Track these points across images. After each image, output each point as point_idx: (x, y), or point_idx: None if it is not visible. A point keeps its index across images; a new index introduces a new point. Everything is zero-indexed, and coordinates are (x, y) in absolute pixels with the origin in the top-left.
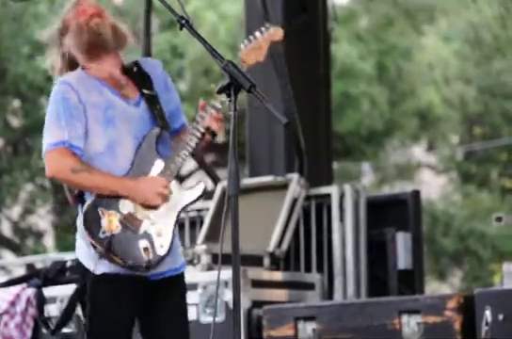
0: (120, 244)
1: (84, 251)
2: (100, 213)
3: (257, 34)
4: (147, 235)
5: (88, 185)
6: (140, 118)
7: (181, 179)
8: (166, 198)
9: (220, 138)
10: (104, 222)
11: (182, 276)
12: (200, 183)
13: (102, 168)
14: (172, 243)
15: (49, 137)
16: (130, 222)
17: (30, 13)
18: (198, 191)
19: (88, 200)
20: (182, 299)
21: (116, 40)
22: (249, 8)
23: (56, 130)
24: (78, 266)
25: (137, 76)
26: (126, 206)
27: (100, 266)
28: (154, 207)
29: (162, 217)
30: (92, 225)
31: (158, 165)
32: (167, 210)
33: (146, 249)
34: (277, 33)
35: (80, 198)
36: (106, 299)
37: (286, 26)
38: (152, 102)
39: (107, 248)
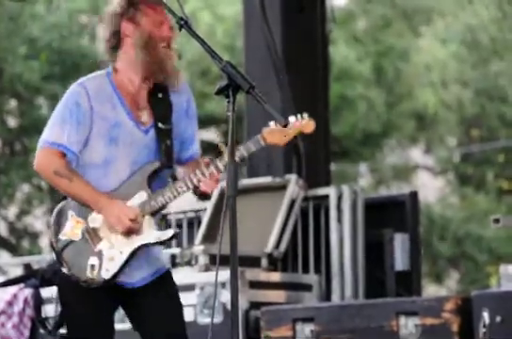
0: (72, 252)
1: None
2: (69, 215)
3: (291, 119)
4: (100, 255)
5: (66, 190)
6: (145, 145)
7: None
8: (127, 229)
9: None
10: (69, 226)
11: (163, 278)
12: (170, 230)
13: (92, 178)
14: (119, 271)
15: (47, 135)
16: (91, 236)
17: (27, 13)
18: (164, 236)
19: (66, 200)
20: (169, 300)
21: (168, 76)
22: (248, 9)
23: (57, 131)
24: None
25: (159, 104)
26: (95, 220)
27: None
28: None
29: (122, 244)
30: (57, 224)
31: (141, 196)
32: (128, 241)
33: (93, 266)
34: (308, 126)
35: (63, 196)
36: (73, 297)
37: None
38: (164, 136)
39: (60, 250)
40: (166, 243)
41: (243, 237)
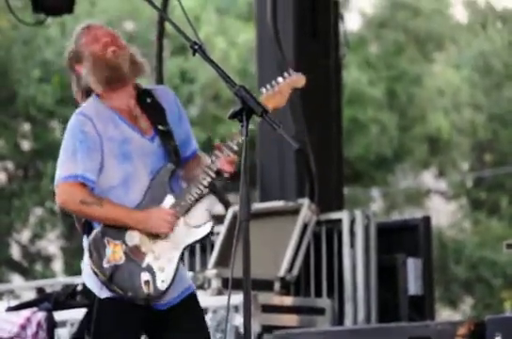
0: (122, 275)
1: (88, 275)
2: (106, 242)
3: (279, 79)
4: (149, 269)
5: (98, 217)
6: (154, 153)
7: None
8: (172, 225)
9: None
10: (109, 252)
11: (191, 299)
12: (207, 222)
13: (114, 200)
14: (174, 279)
15: (61, 170)
16: (134, 254)
17: (41, 36)
18: (204, 230)
19: (96, 228)
20: (196, 323)
21: (133, 71)
22: (261, 34)
23: (70, 164)
24: (86, 289)
25: (152, 109)
26: (133, 238)
27: (104, 291)
28: (159, 237)
29: (166, 252)
30: (97, 253)
31: (169, 200)
32: (171, 246)
33: (147, 282)
34: (299, 80)
35: (88, 225)
36: (110, 324)
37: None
38: (167, 138)
39: (109, 278)
40: (207, 238)
41: (256, 261)
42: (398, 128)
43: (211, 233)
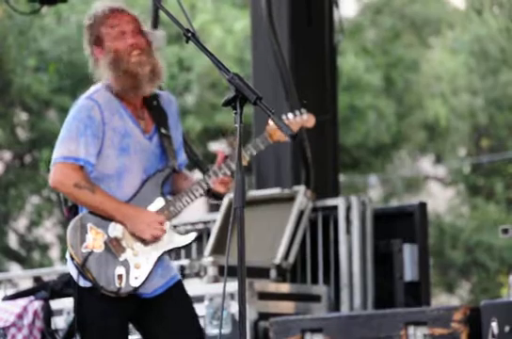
0: (97, 263)
1: (71, 263)
2: (88, 228)
3: (290, 116)
4: (126, 264)
5: (88, 202)
6: (152, 152)
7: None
8: (157, 236)
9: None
10: (90, 238)
11: (176, 285)
12: (192, 232)
13: (106, 189)
14: (147, 279)
15: (62, 150)
16: (114, 247)
17: (37, 26)
18: (187, 239)
19: (82, 212)
20: (182, 307)
21: (150, 80)
22: (255, 21)
23: (72, 145)
24: (70, 278)
25: (156, 111)
26: (116, 230)
27: (85, 279)
28: (142, 240)
29: (145, 252)
30: (77, 237)
31: (159, 202)
32: (152, 247)
33: (120, 276)
34: (309, 120)
35: (74, 209)
36: (92, 311)
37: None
38: (168, 142)
39: (83, 262)
40: (187, 247)
41: (252, 249)
42: (396, 115)
43: (193, 242)
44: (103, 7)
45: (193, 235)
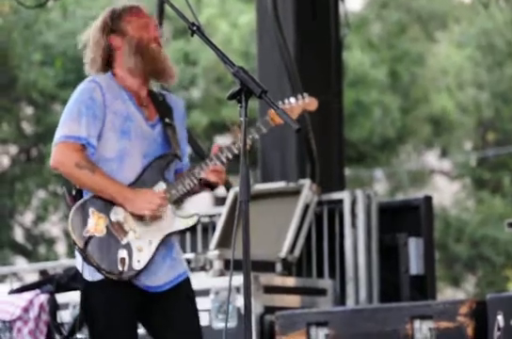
0: (99, 247)
1: (78, 257)
2: (90, 212)
3: (292, 100)
4: (128, 247)
5: (88, 183)
6: (154, 140)
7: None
8: (154, 209)
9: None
10: (91, 222)
11: (185, 283)
12: (194, 215)
13: (108, 172)
14: (151, 261)
15: (64, 130)
16: (116, 230)
17: (43, 20)
18: (189, 222)
19: (84, 197)
20: (188, 306)
21: (168, 75)
22: (261, 15)
23: (74, 125)
24: (78, 272)
25: (161, 105)
26: (118, 214)
27: (93, 272)
28: (143, 219)
29: (148, 234)
30: (79, 222)
31: (160, 186)
32: (155, 230)
33: (123, 259)
34: (311, 103)
35: (78, 196)
36: (99, 304)
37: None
38: (172, 131)
39: (84, 246)
40: (191, 230)
41: (257, 242)
42: (401, 109)
43: (196, 224)
44: (122, 5)
45: (195, 218)
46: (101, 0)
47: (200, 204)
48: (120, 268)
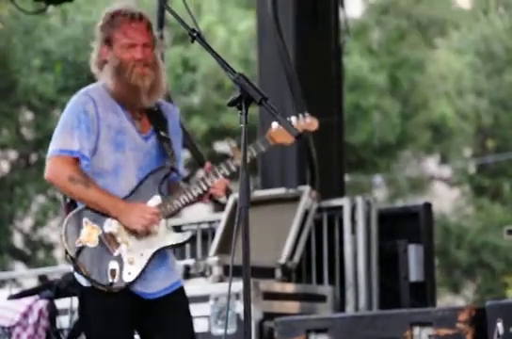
0: (90, 258)
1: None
2: (84, 222)
3: (292, 119)
4: (119, 259)
5: (82, 197)
6: (148, 152)
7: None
8: (149, 223)
9: (223, 200)
10: (84, 233)
11: (179, 292)
12: (188, 232)
13: (104, 185)
14: (141, 274)
15: (57, 143)
16: (108, 242)
17: (42, 26)
18: (182, 238)
19: (78, 207)
20: (182, 315)
21: (149, 96)
22: (261, 21)
23: (67, 138)
24: (74, 279)
25: (156, 116)
26: (111, 226)
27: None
28: (136, 235)
29: (140, 248)
30: (71, 232)
31: (155, 200)
32: (147, 244)
33: (113, 271)
34: (312, 124)
35: (73, 206)
36: (95, 310)
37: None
38: (167, 144)
39: (76, 256)
40: (183, 245)
41: (257, 248)
42: (401, 115)
43: (188, 241)
44: (124, 9)
45: (188, 235)
46: (101, 5)
47: (200, 210)
48: (110, 280)
